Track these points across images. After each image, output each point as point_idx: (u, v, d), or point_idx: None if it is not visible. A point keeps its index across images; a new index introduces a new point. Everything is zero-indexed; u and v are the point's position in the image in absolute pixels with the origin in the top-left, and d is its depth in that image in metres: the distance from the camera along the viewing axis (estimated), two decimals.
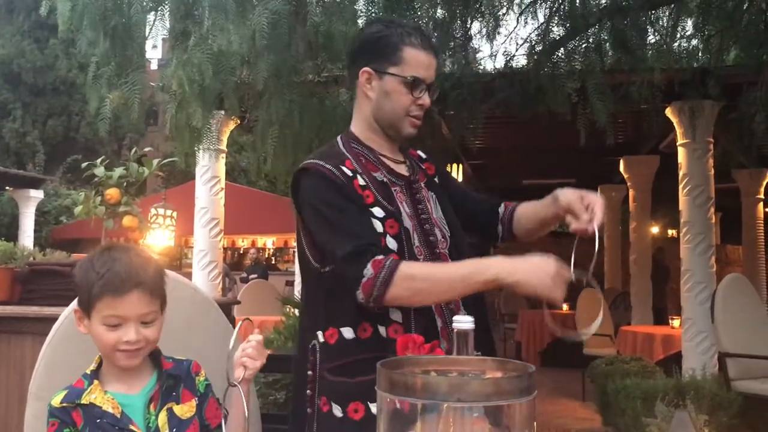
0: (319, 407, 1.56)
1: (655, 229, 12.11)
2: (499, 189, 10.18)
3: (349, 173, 1.57)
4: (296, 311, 4.17)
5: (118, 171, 2.55)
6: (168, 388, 1.44)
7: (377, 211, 1.56)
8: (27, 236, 12.17)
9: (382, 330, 1.50)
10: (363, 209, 1.55)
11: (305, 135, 4.06)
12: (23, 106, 14.63)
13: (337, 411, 1.52)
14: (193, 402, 1.49)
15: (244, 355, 1.42)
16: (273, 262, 15.09)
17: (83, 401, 1.41)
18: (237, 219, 9.05)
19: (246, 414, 1.38)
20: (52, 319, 2.21)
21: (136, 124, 4.09)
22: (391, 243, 1.53)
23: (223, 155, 6.09)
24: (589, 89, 4.12)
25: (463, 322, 0.95)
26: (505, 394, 0.74)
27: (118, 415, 1.40)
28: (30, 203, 12.19)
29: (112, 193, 2.50)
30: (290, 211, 6.33)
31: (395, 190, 1.62)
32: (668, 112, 5.48)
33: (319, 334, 1.58)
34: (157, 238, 2.87)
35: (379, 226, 1.54)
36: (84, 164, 2.67)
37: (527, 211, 1.76)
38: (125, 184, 2.54)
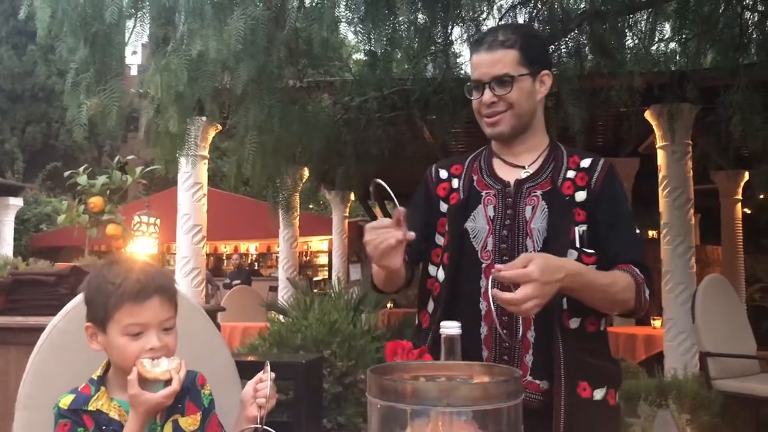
0: None
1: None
2: None
3: (444, 176, 1.75)
4: (281, 317, 4.16)
5: (101, 179, 2.53)
6: (174, 400, 1.41)
7: (451, 212, 1.69)
8: (6, 245, 12.01)
9: (420, 315, 1.72)
10: (434, 210, 1.72)
11: (286, 140, 4.06)
12: (1, 113, 14.48)
13: None
14: (198, 416, 1.48)
15: (260, 395, 1.43)
16: (256, 267, 15.03)
17: (90, 407, 1.40)
18: (219, 225, 9.00)
19: None
20: (38, 329, 2.19)
21: (114, 131, 4.06)
22: (440, 240, 1.71)
23: (205, 161, 6.06)
24: (563, 95, 4.14)
25: (451, 327, 0.96)
26: (492, 398, 0.75)
27: (125, 423, 1.39)
28: (9, 211, 12.03)
29: (96, 201, 2.48)
30: (272, 217, 6.26)
31: (486, 193, 1.67)
32: (647, 114, 5.54)
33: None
34: (140, 245, 2.86)
35: (444, 224, 1.70)
36: (66, 173, 2.65)
37: None
38: (108, 192, 2.52)
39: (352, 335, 3.75)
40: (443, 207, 1.71)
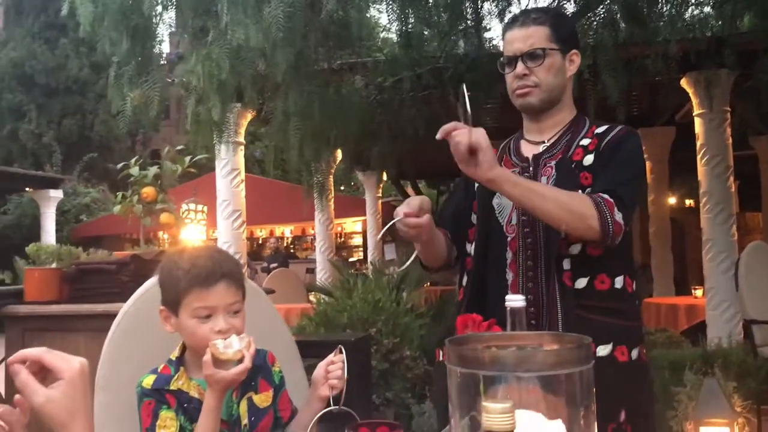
0: None
1: (672, 200, 12.07)
2: None
3: None
4: (326, 298, 4.24)
5: (153, 170, 2.62)
6: (248, 378, 1.49)
7: (479, 191, 1.77)
8: (49, 236, 12.33)
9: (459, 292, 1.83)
10: (469, 193, 1.82)
11: (324, 125, 4.11)
12: (37, 108, 14.75)
13: None
14: (270, 392, 1.56)
15: (332, 376, 1.51)
16: (292, 250, 15.20)
17: (172, 387, 1.48)
18: (255, 209, 9.12)
19: None
20: (105, 316, 2.31)
21: (156, 121, 4.17)
22: (474, 218, 1.80)
23: (242, 147, 6.14)
24: (600, 65, 4.12)
25: (515, 300, 1.01)
26: (567, 364, 0.80)
27: (203, 401, 1.45)
28: (50, 203, 12.34)
29: (148, 191, 2.57)
30: (307, 200, 6.32)
31: (511, 171, 1.72)
32: (683, 82, 5.46)
33: None
34: (190, 232, 2.95)
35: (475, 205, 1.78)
36: (119, 165, 2.74)
37: None
38: (159, 182, 2.61)
39: (396, 313, 3.83)
40: (476, 188, 1.80)
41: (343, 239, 14.82)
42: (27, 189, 12.61)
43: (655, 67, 4.45)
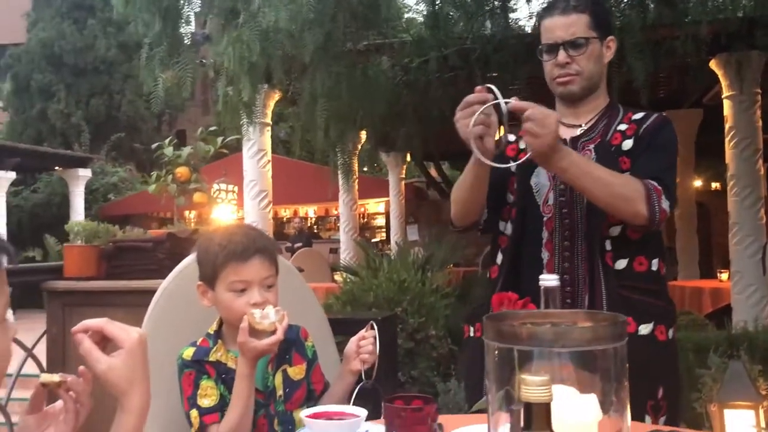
0: None
1: (698, 183, 11.95)
2: None
3: (512, 138, 1.83)
4: (352, 277, 4.30)
5: (186, 150, 2.68)
6: (282, 351, 1.57)
7: (518, 170, 1.79)
8: (78, 214, 12.53)
9: (490, 270, 1.84)
10: (504, 170, 1.78)
11: (350, 106, 4.14)
12: (66, 87, 14.93)
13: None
14: (303, 366, 1.62)
15: (363, 351, 1.56)
16: (315, 230, 15.31)
17: (211, 358, 1.55)
18: (279, 189, 9.21)
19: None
20: (142, 292, 2.38)
21: (187, 101, 4.23)
22: (510, 198, 1.82)
23: (269, 128, 6.20)
24: (627, 48, 4.09)
25: (549, 279, 1.04)
26: (603, 340, 0.84)
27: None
28: (79, 182, 12.52)
29: (182, 171, 2.63)
30: (330, 180, 6.37)
31: None
32: (712, 64, 5.40)
33: None
34: (222, 212, 3.02)
35: (513, 183, 1.80)
36: (154, 146, 2.80)
37: None
38: (192, 162, 2.67)
39: (422, 293, 3.88)
40: (513, 167, 1.80)
41: (366, 220, 14.88)
42: (56, 168, 12.81)
43: (685, 48, 4.40)
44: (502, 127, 1.58)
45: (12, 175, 11.34)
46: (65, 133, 14.85)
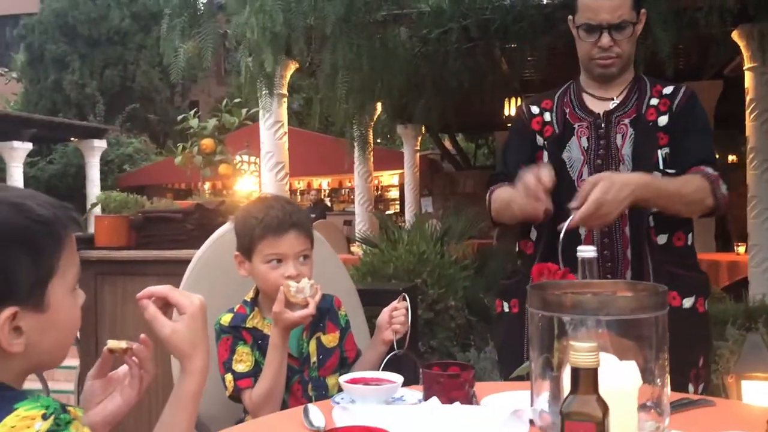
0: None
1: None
2: None
3: (536, 111, 1.83)
4: (371, 249, 4.33)
5: (212, 122, 2.70)
6: (317, 319, 1.61)
7: (549, 144, 1.78)
8: (94, 185, 12.61)
9: (525, 245, 1.83)
10: (531, 143, 1.81)
11: (371, 78, 4.13)
12: (80, 58, 14.94)
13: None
14: (337, 334, 1.66)
15: (396, 322, 1.59)
16: (328, 202, 15.35)
17: (248, 325, 1.59)
18: (294, 161, 9.24)
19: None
20: (172, 261, 2.43)
21: (201, 71, 4.24)
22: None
23: (285, 99, 6.19)
24: (651, 18, 4.04)
25: (587, 251, 1.06)
26: (645, 309, 0.86)
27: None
28: (95, 153, 12.58)
29: (207, 143, 2.65)
30: (346, 152, 6.36)
31: (578, 125, 1.77)
32: (735, 35, 5.33)
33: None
34: (245, 184, 3.05)
35: (545, 156, 1.78)
36: (180, 117, 2.82)
37: None
38: (217, 133, 2.69)
39: (441, 265, 3.91)
40: (539, 141, 1.81)
41: (380, 192, 14.89)
42: (72, 139, 12.87)
43: (707, 19, 4.35)
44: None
45: (29, 145, 11.41)
46: (80, 103, 14.89)
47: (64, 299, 0.92)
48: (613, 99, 1.77)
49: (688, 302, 1.70)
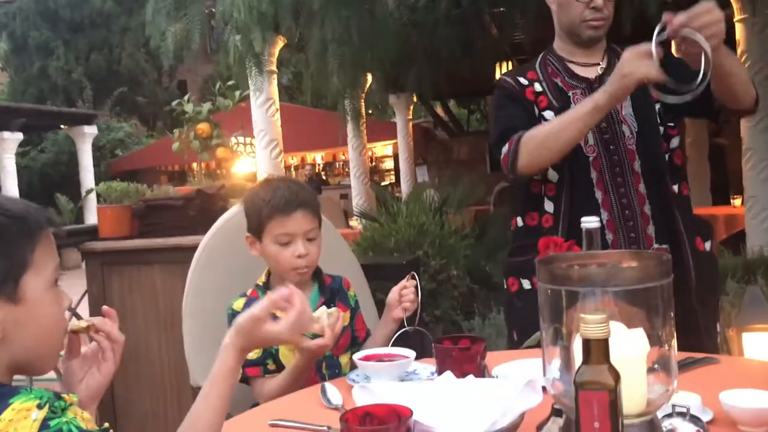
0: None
1: None
2: None
3: (525, 82, 1.79)
4: (371, 223, 4.35)
5: (206, 106, 2.69)
6: (327, 300, 1.64)
7: (548, 114, 1.74)
8: (87, 171, 12.59)
9: (537, 218, 1.78)
10: (529, 111, 1.75)
11: (361, 50, 4.11)
12: (64, 44, 14.76)
13: (505, 285, 1.87)
14: (347, 314, 1.68)
15: (405, 300, 1.60)
16: (324, 177, 15.33)
17: None
18: (286, 137, 9.21)
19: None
20: (177, 249, 2.45)
21: (195, 54, 4.21)
22: None
23: (275, 76, 6.15)
24: None
25: (591, 221, 1.08)
26: (651, 278, 0.88)
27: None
28: (86, 139, 12.52)
29: (203, 127, 2.65)
30: (340, 126, 6.34)
31: (573, 93, 1.76)
32: None
33: (512, 222, 1.89)
34: (242, 165, 3.05)
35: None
36: (174, 102, 2.82)
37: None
38: (211, 117, 2.69)
39: (441, 235, 3.93)
40: (536, 111, 1.78)
41: (374, 163, 14.87)
42: (62, 126, 12.79)
43: None
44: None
45: (19, 135, 11.35)
46: (67, 89, 14.76)
47: (42, 295, 0.95)
48: (598, 63, 1.78)
49: (707, 246, 1.78)
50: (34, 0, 14.73)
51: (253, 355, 1.57)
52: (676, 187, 1.75)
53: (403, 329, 1.60)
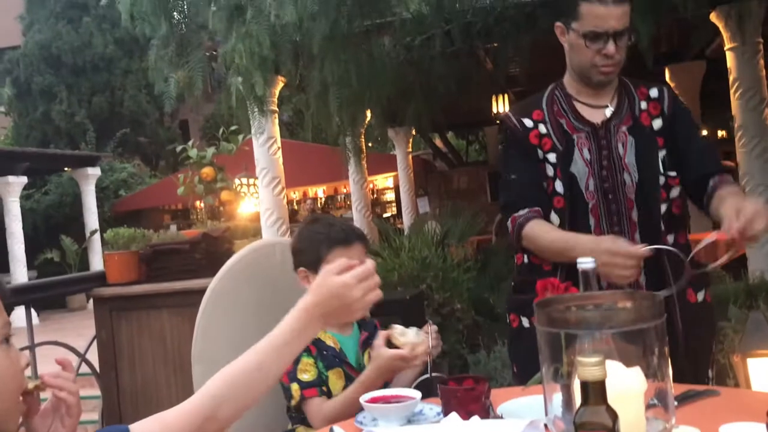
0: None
1: (704, 133, 11.94)
2: None
3: (530, 124, 1.80)
4: (373, 258, 4.38)
5: (210, 151, 2.76)
6: (368, 337, 1.76)
7: (551, 157, 1.75)
8: (91, 213, 12.67)
9: (536, 258, 1.80)
10: (533, 160, 1.77)
11: (360, 90, 4.19)
12: (67, 88, 14.94)
13: (507, 319, 1.90)
14: None
15: (435, 345, 1.65)
16: (325, 210, 15.39)
17: None
18: (288, 173, 9.28)
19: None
20: (184, 293, 2.49)
21: (198, 98, 4.30)
22: (558, 186, 1.75)
23: (276, 115, 6.24)
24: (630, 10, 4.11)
25: (586, 262, 1.13)
26: (645, 319, 0.93)
27: (338, 350, 1.71)
28: (89, 181, 12.63)
29: (208, 171, 2.72)
30: (340, 160, 6.41)
31: (577, 137, 1.77)
32: (713, 17, 5.41)
33: (517, 257, 1.91)
34: (246, 206, 3.11)
35: (550, 171, 1.75)
36: (179, 147, 2.88)
37: (718, 201, 1.72)
38: (215, 161, 2.75)
39: (444, 268, 3.97)
40: (540, 154, 1.79)
41: (375, 196, 14.94)
42: (66, 168, 12.91)
43: (685, 5, 4.42)
44: None
45: (24, 179, 11.46)
46: (70, 132, 14.90)
47: None
48: (607, 106, 1.78)
49: (700, 296, 1.78)
50: (38, 46, 14.95)
51: (308, 377, 1.65)
52: (671, 237, 1.75)
53: (424, 376, 1.65)
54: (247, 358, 1.09)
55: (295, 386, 1.64)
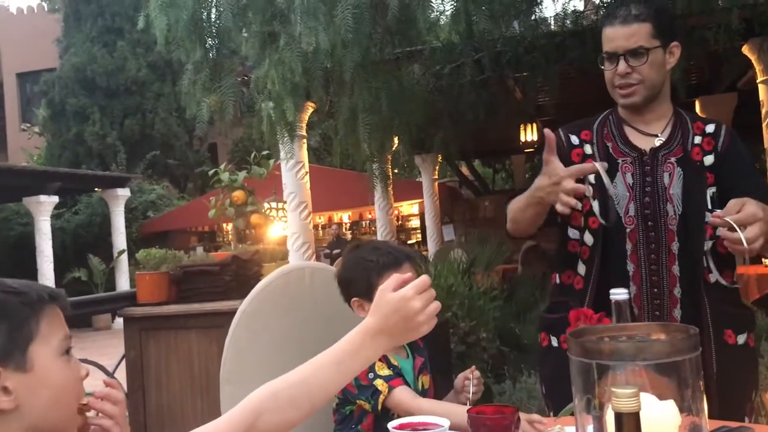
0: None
1: None
2: None
3: (576, 141, 1.82)
4: None
5: (242, 174, 2.80)
6: (424, 362, 1.76)
7: (591, 177, 1.71)
8: (120, 233, 12.86)
9: (572, 277, 1.81)
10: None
11: (390, 117, 4.23)
12: (100, 110, 15.30)
13: (538, 338, 1.90)
14: (428, 377, 1.79)
15: (466, 391, 1.65)
16: (350, 235, 15.45)
17: None
18: (314, 198, 9.37)
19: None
20: (213, 314, 2.51)
21: (229, 124, 4.37)
22: (595, 206, 1.74)
23: (304, 141, 6.31)
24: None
25: (620, 293, 1.12)
26: (680, 352, 0.92)
27: (399, 369, 1.69)
28: (119, 201, 12.84)
29: (238, 195, 2.75)
30: (367, 186, 6.45)
31: (622, 161, 1.76)
32: (745, 49, 5.38)
33: (552, 277, 1.91)
34: (275, 230, 3.14)
35: (588, 191, 1.70)
36: (210, 171, 2.93)
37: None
38: (245, 184, 2.79)
39: (470, 296, 3.95)
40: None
41: (400, 222, 14.97)
42: (96, 189, 13.14)
43: (716, 37, 4.41)
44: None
45: (55, 199, 11.68)
46: (102, 154, 15.20)
47: (51, 362, 1.02)
48: (657, 135, 1.76)
49: (741, 339, 1.72)
50: (74, 69, 15.35)
51: (387, 372, 1.64)
52: (714, 276, 1.70)
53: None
54: (293, 372, 1.09)
55: (379, 381, 1.63)
